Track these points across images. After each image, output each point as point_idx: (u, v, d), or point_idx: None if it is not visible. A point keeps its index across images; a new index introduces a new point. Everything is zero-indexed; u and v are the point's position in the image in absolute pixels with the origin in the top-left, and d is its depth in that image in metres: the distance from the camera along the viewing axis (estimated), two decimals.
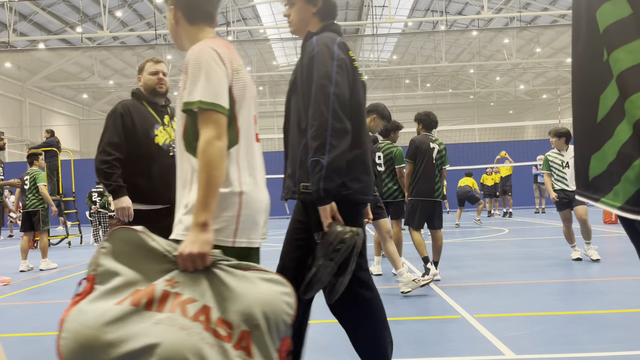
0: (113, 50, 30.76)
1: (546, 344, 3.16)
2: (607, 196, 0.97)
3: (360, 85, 2.28)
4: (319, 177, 2.03)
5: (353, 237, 2.04)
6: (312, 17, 2.29)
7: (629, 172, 0.91)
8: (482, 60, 35.29)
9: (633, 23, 0.92)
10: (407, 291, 4.75)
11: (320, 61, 2.11)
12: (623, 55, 0.93)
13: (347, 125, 2.11)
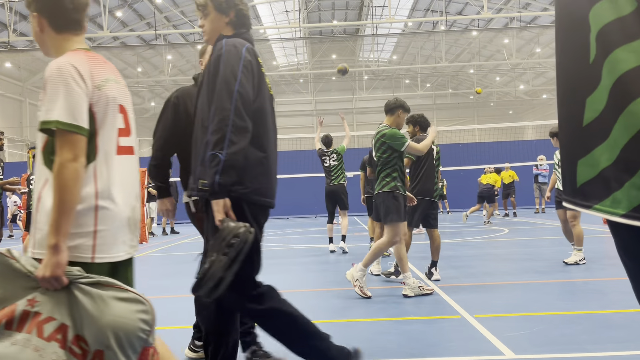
0: (113, 51, 30.76)
1: (546, 344, 3.16)
2: (603, 203, 0.94)
3: (266, 92, 2.33)
4: (215, 171, 2.06)
5: (246, 233, 2.06)
6: (224, 26, 2.39)
7: (635, 178, 0.87)
8: (482, 60, 35.29)
9: (636, 20, 0.88)
10: (410, 295, 4.77)
11: (227, 60, 2.17)
12: (625, 55, 0.89)
13: (249, 124, 2.15)
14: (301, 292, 5.32)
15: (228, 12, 2.36)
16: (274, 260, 8.03)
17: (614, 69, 0.91)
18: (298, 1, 24.49)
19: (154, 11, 24.18)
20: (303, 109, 43.80)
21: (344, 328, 3.77)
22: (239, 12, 2.38)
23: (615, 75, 0.91)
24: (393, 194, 4.78)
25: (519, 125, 20.56)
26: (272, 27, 30.47)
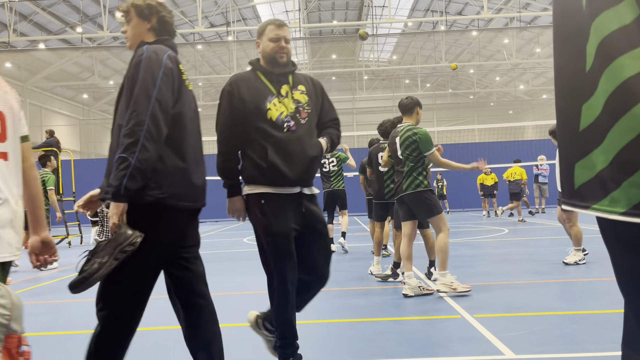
0: (113, 51, 30.75)
1: (546, 344, 3.16)
2: (601, 203, 0.97)
3: (186, 99, 2.36)
4: (123, 175, 2.07)
5: (138, 243, 2.07)
6: (146, 32, 2.40)
7: (634, 177, 0.91)
8: (482, 60, 35.29)
9: (637, 28, 0.92)
10: (410, 295, 4.77)
11: (147, 66, 2.17)
12: (629, 61, 0.93)
13: (164, 132, 2.16)
14: None
15: (150, 18, 2.38)
16: None
17: (618, 75, 0.94)
18: (298, 1, 24.48)
19: None
20: None
21: (344, 328, 3.77)
22: (161, 18, 2.40)
23: (618, 81, 0.94)
24: (428, 191, 4.85)
25: (519, 125, 20.55)
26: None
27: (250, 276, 6.47)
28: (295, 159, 2.70)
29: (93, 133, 38.85)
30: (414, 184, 4.83)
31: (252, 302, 4.87)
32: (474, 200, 20.84)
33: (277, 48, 2.76)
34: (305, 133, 2.76)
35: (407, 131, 4.93)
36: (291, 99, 2.77)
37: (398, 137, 4.97)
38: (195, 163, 2.35)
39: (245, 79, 2.80)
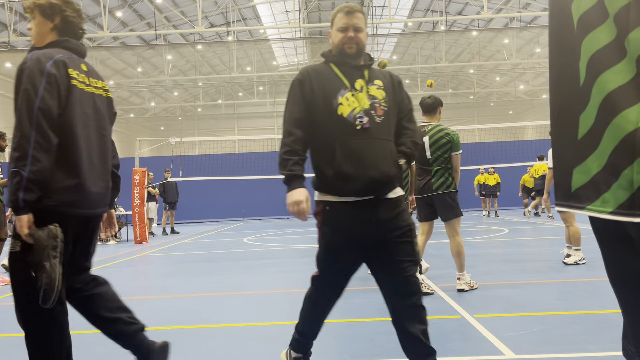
0: (113, 51, 30.78)
1: (546, 344, 3.16)
2: (594, 204, 1.08)
3: (78, 105, 2.30)
4: (17, 188, 2.07)
5: (58, 231, 2.14)
6: (49, 32, 2.37)
7: (620, 180, 1.01)
8: (482, 60, 35.29)
9: (616, 47, 1.04)
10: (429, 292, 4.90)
11: (29, 75, 2.16)
12: (612, 77, 1.05)
13: (52, 140, 2.15)
14: (301, 292, 5.32)
15: (53, 17, 2.36)
16: (274, 260, 8.03)
17: (603, 89, 1.06)
18: (298, 1, 24.48)
19: (154, 11, 24.18)
20: None
21: (344, 328, 3.77)
22: (64, 18, 2.37)
23: (603, 94, 1.06)
24: (456, 192, 4.97)
25: (519, 125, 20.51)
26: (272, 27, 30.46)
27: (250, 276, 6.47)
28: (367, 164, 2.31)
29: None
30: (445, 184, 4.91)
31: (252, 302, 4.87)
32: (474, 200, 20.84)
33: (345, 39, 2.43)
34: (382, 134, 2.37)
35: (438, 131, 4.95)
36: (366, 94, 2.40)
37: (427, 137, 4.97)
38: (90, 169, 2.33)
39: (317, 70, 2.48)
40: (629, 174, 0.99)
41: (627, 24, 1.02)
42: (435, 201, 4.96)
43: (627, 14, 1.02)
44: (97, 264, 8.40)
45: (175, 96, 42.44)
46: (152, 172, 14.50)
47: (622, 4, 1.03)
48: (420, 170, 5.07)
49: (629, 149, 0.99)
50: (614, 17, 1.04)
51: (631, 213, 1.00)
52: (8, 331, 4.10)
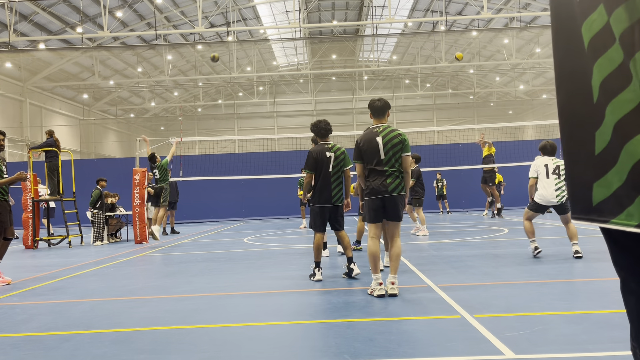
0: (113, 51, 30.76)
1: (546, 344, 3.16)
2: (619, 217, 1.11)
3: None
4: None
5: None
6: None
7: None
8: (482, 60, 35.28)
9: (624, 70, 1.07)
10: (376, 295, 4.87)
11: None
12: (622, 101, 1.08)
13: None
14: (301, 292, 5.32)
15: None
16: (274, 260, 8.03)
17: (616, 112, 1.09)
18: (298, 1, 24.47)
19: (154, 11, 24.16)
20: (303, 109, 43.78)
21: (344, 328, 3.77)
22: None
23: (616, 117, 1.09)
24: (405, 195, 4.99)
25: (519, 125, 20.53)
26: (272, 27, 30.46)
27: (250, 276, 6.47)
28: None
29: (93, 133, 38.85)
30: (400, 186, 4.91)
31: (252, 302, 4.87)
32: (474, 200, 20.84)
33: None
34: None
35: (391, 131, 4.96)
36: None
37: (380, 137, 4.94)
38: None
39: None
40: None
41: (632, 46, 1.04)
42: (387, 202, 4.91)
43: (632, 35, 1.04)
44: (97, 264, 8.40)
45: (175, 96, 42.44)
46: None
47: (625, 25, 1.05)
48: (373, 171, 4.97)
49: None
50: (619, 38, 1.07)
51: None
52: (8, 331, 4.10)
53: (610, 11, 1.08)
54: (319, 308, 4.49)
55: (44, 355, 3.39)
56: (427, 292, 4.95)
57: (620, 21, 1.06)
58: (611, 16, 1.08)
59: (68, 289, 6.09)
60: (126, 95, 40.15)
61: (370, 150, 4.94)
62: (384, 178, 4.90)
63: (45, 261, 9.29)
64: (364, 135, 5.07)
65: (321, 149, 6.03)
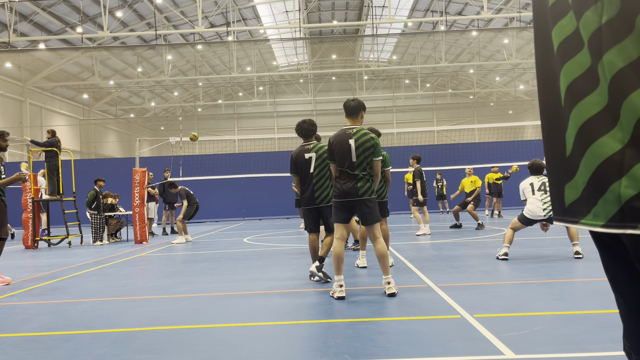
0: (113, 51, 30.76)
1: (546, 344, 3.16)
2: (587, 218, 1.15)
3: None
4: None
5: None
6: None
7: (607, 194, 1.08)
8: (482, 60, 35.28)
9: (591, 75, 1.10)
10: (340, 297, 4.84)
11: None
12: (587, 105, 1.12)
13: None
14: (301, 292, 5.32)
15: None
16: (274, 260, 8.03)
17: (582, 114, 1.13)
18: (298, 1, 24.47)
19: (154, 11, 24.16)
20: (303, 109, 43.78)
21: (344, 328, 3.77)
22: None
23: (582, 119, 1.13)
24: (376, 198, 4.95)
25: (519, 125, 20.53)
26: (272, 27, 30.45)
27: (250, 276, 6.47)
28: None
29: (93, 133, 38.84)
30: (370, 190, 4.86)
31: (252, 302, 4.87)
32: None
33: None
34: None
35: (363, 134, 4.89)
36: None
37: (353, 140, 4.86)
38: None
39: None
40: (617, 188, 1.06)
41: (599, 49, 1.06)
42: (357, 206, 4.85)
43: (599, 38, 1.06)
44: (97, 264, 8.40)
45: (175, 96, 42.43)
46: (152, 172, 14.50)
47: (594, 27, 1.07)
48: (344, 174, 4.89)
49: (617, 166, 1.06)
50: (587, 42, 1.09)
51: (622, 225, 1.06)
52: (8, 331, 4.10)
53: (579, 16, 1.11)
54: (319, 308, 4.49)
55: (44, 355, 3.39)
56: (427, 292, 4.95)
57: (588, 24, 1.08)
58: (580, 20, 1.10)
59: (68, 289, 6.08)
60: (126, 95, 40.15)
61: (341, 152, 4.86)
62: (355, 181, 4.83)
63: (45, 261, 9.29)
64: (336, 136, 4.97)
65: (300, 150, 5.97)
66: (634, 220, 1.04)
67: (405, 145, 23.77)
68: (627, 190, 1.04)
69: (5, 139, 7.06)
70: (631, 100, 1.02)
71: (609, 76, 1.05)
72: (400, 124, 41.87)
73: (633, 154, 1.03)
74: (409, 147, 21.83)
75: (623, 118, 1.04)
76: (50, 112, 34.08)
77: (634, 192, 1.03)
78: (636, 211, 1.03)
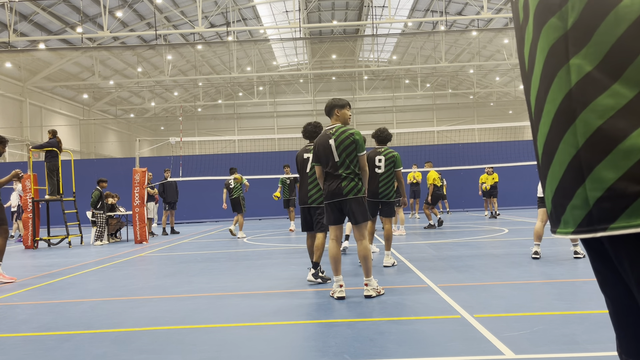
0: (113, 51, 30.76)
1: (546, 344, 3.16)
2: (560, 227, 1.14)
3: None
4: None
5: None
6: None
7: (574, 200, 1.07)
8: (482, 60, 35.27)
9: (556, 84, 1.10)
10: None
11: None
12: (549, 107, 1.11)
13: None
14: (301, 292, 5.32)
15: None
16: (274, 260, 8.03)
17: (544, 128, 1.13)
18: (298, 1, 24.47)
19: (154, 11, 24.16)
20: (303, 109, 43.78)
21: (344, 328, 3.77)
22: None
23: (546, 128, 1.12)
24: (364, 197, 4.92)
25: (519, 125, 20.50)
26: (272, 27, 30.44)
27: (250, 276, 6.47)
28: None
29: (93, 133, 38.84)
30: (356, 189, 4.83)
31: (252, 302, 4.87)
32: (474, 200, 20.84)
33: None
34: None
35: (342, 132, 4.88)
36: None
37: (332, 140, 4.86)
38: None
39: None
40: (582, 192, 1.05)
41: (566, 53, 1.04)
42: (344, 206, 4.84)
43: (566, 44, 1.04)
44: (97, 264, 8.40)
45: (175, 96, 42.43)
46: (152, 172, 14.50)
47: (557, 35, 1.05)
48: (329, 175, 4.89)
49: (577, 171, 1.05)
50: (548, 52, 1.08)
51: (591, 229, 1.05)
52: (8, 331, 4.10)
53: (540, 27, 1.10)
54: (319, 308, 4.49)
55: (44, 355, 3.39)
56: (427, 292, 4.95)
57: (552, 30, 1.07)
58: (543, 28, 1.09)
59: (68, 289, 6.08)
60: (126, 95, 40.14)
61: (324, 153, 4.87)
62: (339, 181, 4.82)
63: (45, 261, 9.28)
64: (319, 138, 5.01)
65: (301, 150, 6.12)
66: (603, 222, 1.02)
67: (405, 145, 23.78)
68: (592, 193, 1.02)
69: (4, 145, 7.18)
70: (597, 104, 1.00)
71: (575, 80, 1.04)
72: (400, 124, 41.86)
73: (589, 156, 1.02)
74: (409, 147, 21.84)
75: (578, 122, 1.03)
76: (50, 112, 34.08)
77: (599, 193, 1.01)
78: (604, 212, 1.01)
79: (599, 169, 1.01)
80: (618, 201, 0.99)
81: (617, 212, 0.99)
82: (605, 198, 1.00)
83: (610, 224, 1.01)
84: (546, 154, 1.14)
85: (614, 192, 0.99)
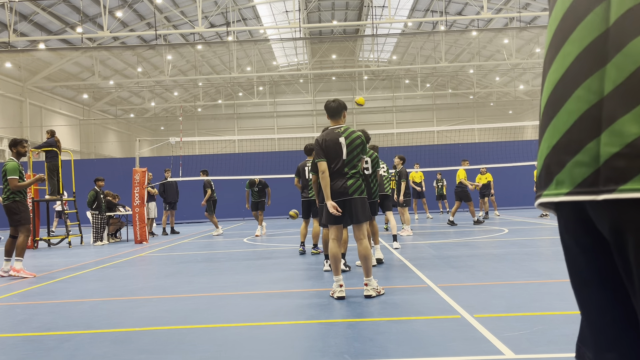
0: (113, 51, 30.75)
1: (546, 344, 3.16)
2: (549, 189, 0.99)
3: None
4: None
5: None
6: None
7: (579, 156, 0.93)
8: (482, 60, 35.27)
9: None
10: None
11: None
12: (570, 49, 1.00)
13: None
14: (301, 292, 5.32)
15: None
16: (274, 260, 8.03)
17: (554, 74, 1.02)
18: (298, 1, 24.47)
19: (154, 11, 24.16)
20: (303, 109, 43.80)
21: (344, 328, 3.77)
22: None
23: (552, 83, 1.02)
24: (366, 197, 4.94)
25: (519, 125, 20.51)
26: (272, 27, 30.46)
27: (250, 276, 6.47)
28: None
29: (93, 133, 38.84)
30: (360, 189, 4.85)
31: (252, 302, 4.87)
32: (473, 200, 20.81)
33: None
34: None
35: (352, 132, 4.90)
36: None
37: (343, 138, 4.85)
38: None
39: None
40: (594, 147, 0.91)
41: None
42: (348, 205, 4.82)
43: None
44: (97, 264, 8.40)
45: (175, 96, 42.43)
46: (151, 172, 14.49)
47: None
48: (333, 173, 4.85)
49: (593, 122, 0.91)
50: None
51: (594, 190, 0.91)
52: (8, 331, 4.10)
53: None
54: (319, 308, 4.49)
55: (44, 355, 3.39)
56: (427, 292, 4.95)
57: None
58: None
59: (68, 289, 6.08)
60: (126, 95, 40.14)
61: (334, 149, 4.85)
62: (345, 180, 4.81)
63: (45, 261, 9.28)
64: (325, 135, 4.94)
65: (302, 164, 7.38)
66: (611, 182, 0.89)
67: (405, 145, 23.77)
68: (607, 148, 0.90)
69: (24, 146, 7.54)
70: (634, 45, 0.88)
71: (615, 17, 0.90)
72: (400, 124, 41.86)
73: (614, 105, 0.89)
74: (409, 147, 21.84)
75: (610, 66, 0.90)
76: (50, 112, 34.08)
77: (616, 149, 0.89)
78: (616, 172, 0.88)
79: (622, 121, 0.88)
80: (636, 160, 0.87)
81: (632, 173, 0.87)
82: (621, 155, 0.88)
83: (619, 186, 0.88)
84: (552, 104, 1.00)
85: (634, 150, 0.87)
